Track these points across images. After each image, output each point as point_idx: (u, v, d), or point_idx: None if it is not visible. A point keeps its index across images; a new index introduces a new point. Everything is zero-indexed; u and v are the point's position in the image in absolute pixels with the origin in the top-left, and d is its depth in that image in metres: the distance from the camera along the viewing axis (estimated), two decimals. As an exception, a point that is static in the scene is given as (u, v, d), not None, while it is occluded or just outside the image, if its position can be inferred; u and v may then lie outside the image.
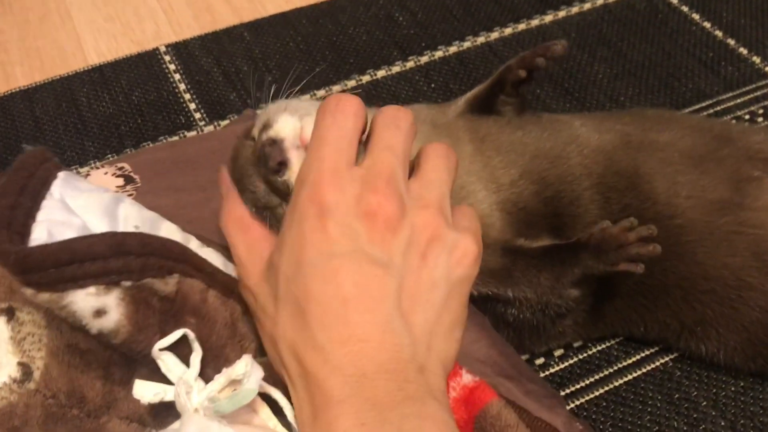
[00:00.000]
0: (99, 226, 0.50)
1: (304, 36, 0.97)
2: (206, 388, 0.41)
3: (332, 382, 0.38)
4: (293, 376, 0.41)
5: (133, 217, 0.53)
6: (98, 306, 0.43)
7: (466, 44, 0.94)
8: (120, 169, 0.65)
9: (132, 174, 0.64)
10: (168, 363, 0.44)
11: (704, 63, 0.91)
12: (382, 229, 0.41)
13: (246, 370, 0.40)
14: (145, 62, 0.94)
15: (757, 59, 0.91)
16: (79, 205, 0.52)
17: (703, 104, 0.86)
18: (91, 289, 0.42)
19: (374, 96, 0.88)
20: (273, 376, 0.44)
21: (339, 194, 0.41)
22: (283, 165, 0.48)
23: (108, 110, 0.88)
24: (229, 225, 0.48)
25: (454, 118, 0.65)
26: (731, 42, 0.93)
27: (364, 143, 0.45)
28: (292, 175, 0.48)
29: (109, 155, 0.83)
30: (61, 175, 0.53)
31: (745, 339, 0.59)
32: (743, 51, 0.92)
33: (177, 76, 0.92)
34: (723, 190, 0.59)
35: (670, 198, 0.59)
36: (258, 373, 0.40)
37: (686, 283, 0.58)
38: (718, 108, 0.85)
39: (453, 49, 0.94)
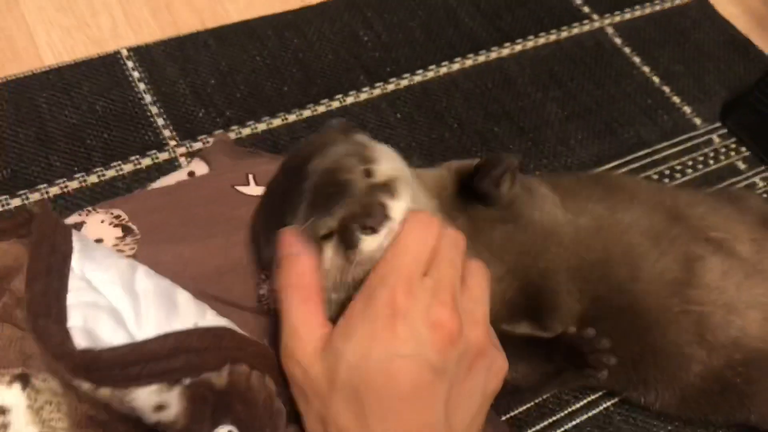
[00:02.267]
0: (123, 304, 0.52)
1: (270, 49, 0.97)
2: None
3: None
4: None
5: (151, 291, 0.55)
6: (159, 402, 0.45)
7: (430, 74, 0.98)
8: (117, 217, 0.65)
9: (129, 224, 0.65)
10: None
11: (644, 110, 0.99)
12: (445, 340, 0.46)
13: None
14: (107, 67, 0.92)
15: (688, 109, 1.00)
16: (101, 280, 0.53)
17: (643, 152, 0.94)
18: (154, 387, 0.45)
19: (343, 123, 0.91)
20: None
21: (412, 301, 0.46)
22: (371, 229, 0.50)
23: (71, 120, 0.86)
24: (290, 290, 0.49)
25: (451, 197, 0.67)
26: (666, 89, 1.02)
27: None
28: (369, 242, 0.50)
29: (78, 174, 0.81)
30: (77, 246, 0.54)
31: (680, 397, 0.68)
32: (676, 100, 1.01)
33: (142, 86, 0.90)
34: (676, 270, 0.66)
35: (632, 285, 0.66)
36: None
37: (638, 357, 0.67)
38: (656, 157, 0.94)
39: (417, 78, 0.97)
